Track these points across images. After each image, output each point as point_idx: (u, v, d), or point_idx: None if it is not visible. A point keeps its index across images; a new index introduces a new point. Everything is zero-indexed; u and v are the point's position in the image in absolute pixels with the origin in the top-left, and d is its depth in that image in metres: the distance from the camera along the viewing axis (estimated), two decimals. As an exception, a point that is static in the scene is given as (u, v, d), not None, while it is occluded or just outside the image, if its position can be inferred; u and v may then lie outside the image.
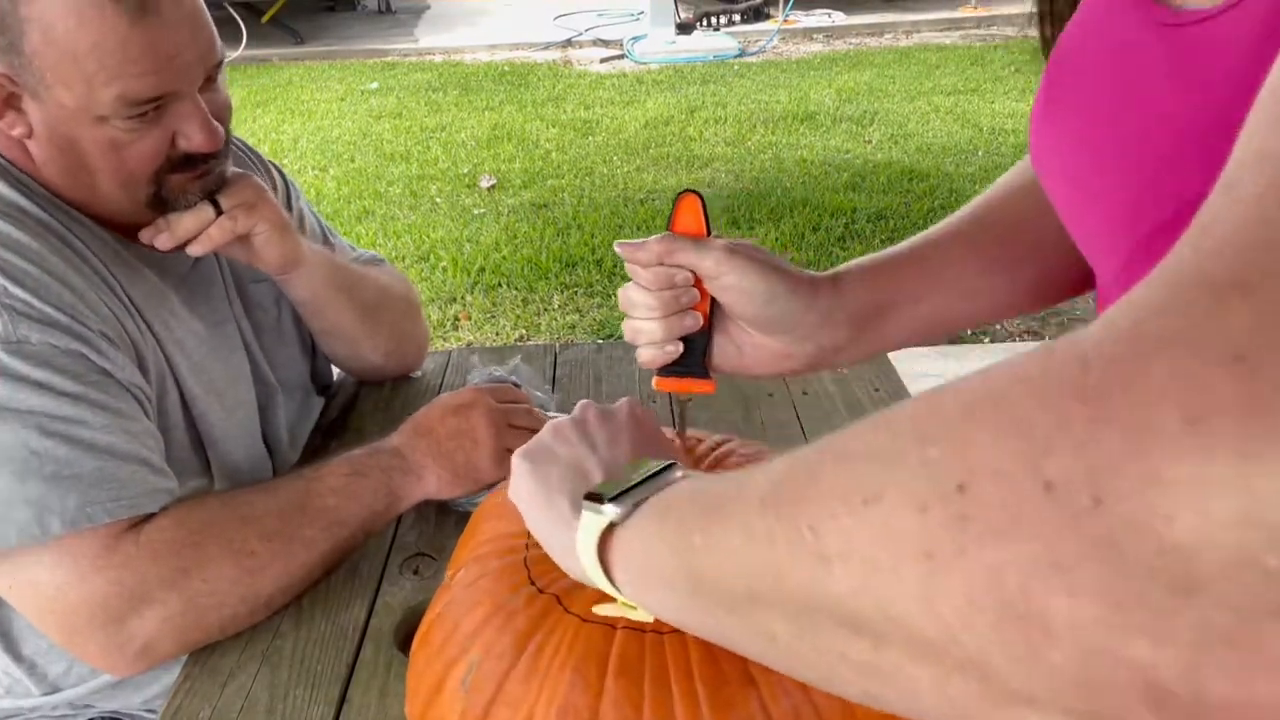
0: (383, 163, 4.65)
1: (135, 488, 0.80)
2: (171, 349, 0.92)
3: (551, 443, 0.55)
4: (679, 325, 0.65)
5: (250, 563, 0.82)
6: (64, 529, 0.76)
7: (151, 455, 0.84)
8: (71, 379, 0.78)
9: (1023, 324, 3.07)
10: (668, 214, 0.66)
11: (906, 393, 1.15)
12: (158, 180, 0.87)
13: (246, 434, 1.01)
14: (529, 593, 0.56)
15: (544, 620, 0.54)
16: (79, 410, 0.78)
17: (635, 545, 0.45)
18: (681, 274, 0.64)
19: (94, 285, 0.84)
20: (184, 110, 0.85)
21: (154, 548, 0.79)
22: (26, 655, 0.94)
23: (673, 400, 0.69)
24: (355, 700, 0.75)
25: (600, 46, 6.92)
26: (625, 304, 0.67)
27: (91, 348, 0.80)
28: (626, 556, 0.46)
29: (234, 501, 0.86)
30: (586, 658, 0.51)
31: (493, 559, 0.60)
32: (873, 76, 5.79)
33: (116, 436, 0.80)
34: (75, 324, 0.80)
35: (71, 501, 0.76)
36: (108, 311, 0.84)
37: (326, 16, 8.21)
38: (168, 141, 0.86)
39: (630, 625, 0.52)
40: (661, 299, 0.64)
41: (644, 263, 0.64)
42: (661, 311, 0.65)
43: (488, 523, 0.65)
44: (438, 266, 3.48)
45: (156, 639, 0.79)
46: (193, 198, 0.90)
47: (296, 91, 6.00)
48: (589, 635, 0.52)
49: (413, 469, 0.92)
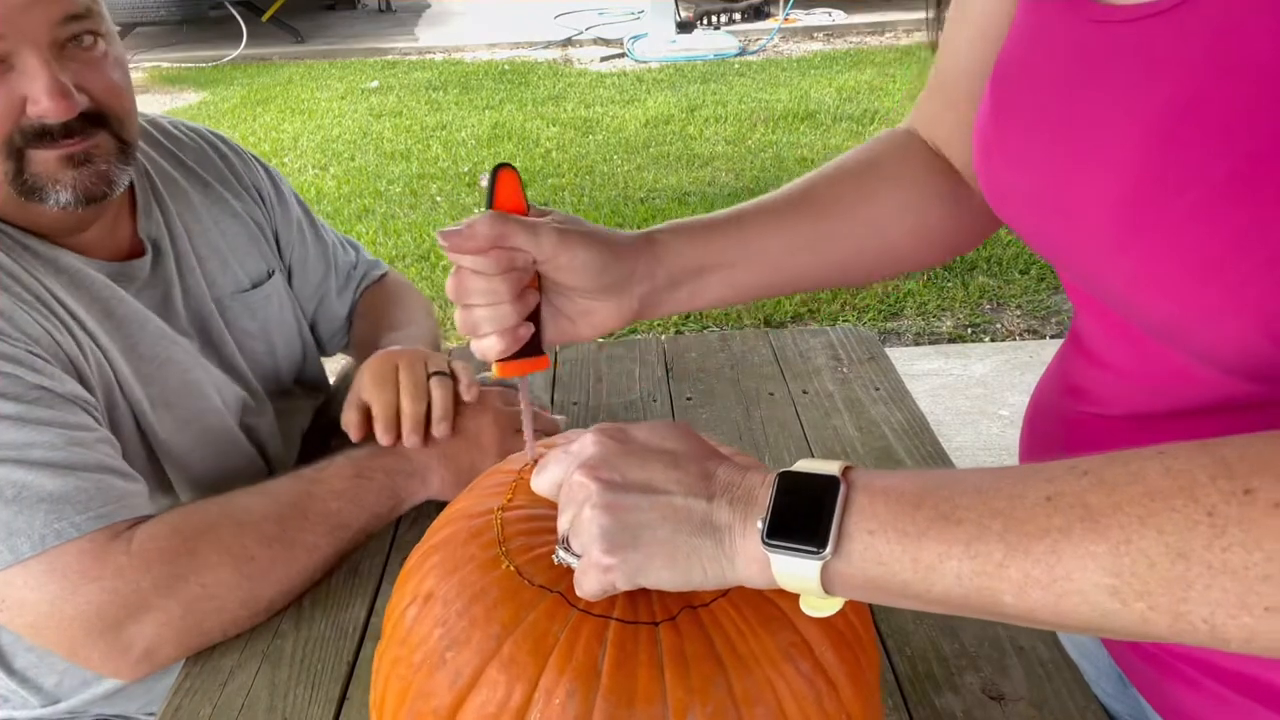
0: (383, 161, 4.65)
1: (103, 497, 0.78)
2: (119, 358, 0.89)
3: (622, 481, 0.51)
4: (526, 307, 0.63)
5: (250, 568, 0.81)
6: (34, 549, 0.74)
7: (113, 461, 0.82)
8: (10, 401, 0.76)
9: (1023, 323, 3.06)
10: (489, 193, 0.62)
11: (907, 392, 1.15)
12: (14, 153, 0.81)
13: (207, 446, 0.97)
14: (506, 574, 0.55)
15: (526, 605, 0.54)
16: (26, 432, 0.76)
17: (867, 569, 0.46)
18: (522, 255, 0.62)
19: (21, 303, 0.81)
20: (30, 70, 0.78)
21: (147, 556, 0.77)
22: (19, 669, 0.93)
23: (515, 384, 0.66)
24: (356, 699, 0.75)
25: (601, 45, 6.92)
26: (459, 293, 0.62)
27: (24, 366, 0.78)
28: (850, 577, 0.46)
29: (231, 506, 0.83)
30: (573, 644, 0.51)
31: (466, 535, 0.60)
32: (873, 75, 5.79)
33: (70, 451, 0.78)
34: (3, 344, 0.78)
35: (38, 521, 0.75)
36: (38, 329, 0.81)
37: (327, 15, 8.21)
38: (17, 106, 0.79)
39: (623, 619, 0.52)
40: (508, 282, 0.61)
41: (476, 250, 0.60)
42: (509, 295, 0.61)
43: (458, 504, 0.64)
44: (438, 266, 3.48)
45: (157, 644, 0.78)
46: (63, 190, 0.83)
47: (297, 90, 6.00)
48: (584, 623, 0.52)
49: (416, 471, 0.91)
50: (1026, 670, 0.75)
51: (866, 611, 0.60)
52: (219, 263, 1.04)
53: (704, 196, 4.04)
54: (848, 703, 0.53)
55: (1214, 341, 0.48)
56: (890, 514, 0.45)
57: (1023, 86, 0.60)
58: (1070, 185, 0.55)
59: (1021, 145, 0.60)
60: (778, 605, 0.53)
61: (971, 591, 0.43)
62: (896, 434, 1.06)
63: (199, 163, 1.08)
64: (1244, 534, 0.36)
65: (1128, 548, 0.39)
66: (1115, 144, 0.51)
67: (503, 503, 0.60)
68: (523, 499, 0.60)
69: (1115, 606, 0.39)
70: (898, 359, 1.23)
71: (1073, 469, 0.42)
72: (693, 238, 0.70)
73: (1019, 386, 2.71)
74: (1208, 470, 0.38)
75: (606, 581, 0.50)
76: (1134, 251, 0.50)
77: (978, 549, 0.42)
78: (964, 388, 2.74)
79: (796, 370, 1.21)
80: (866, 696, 0.55)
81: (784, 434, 1.07)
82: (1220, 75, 0.45)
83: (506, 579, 0.54)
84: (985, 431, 2.55)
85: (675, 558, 0.49)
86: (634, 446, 0.53)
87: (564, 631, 0.52)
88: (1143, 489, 0.39)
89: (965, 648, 0.77)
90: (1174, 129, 0.47)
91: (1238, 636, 0.38)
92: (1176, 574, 0.38)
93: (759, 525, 0.48)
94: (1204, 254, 0.46)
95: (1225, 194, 0.45)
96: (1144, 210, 0.49)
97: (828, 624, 0.54)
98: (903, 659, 0.76)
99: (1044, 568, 0.41)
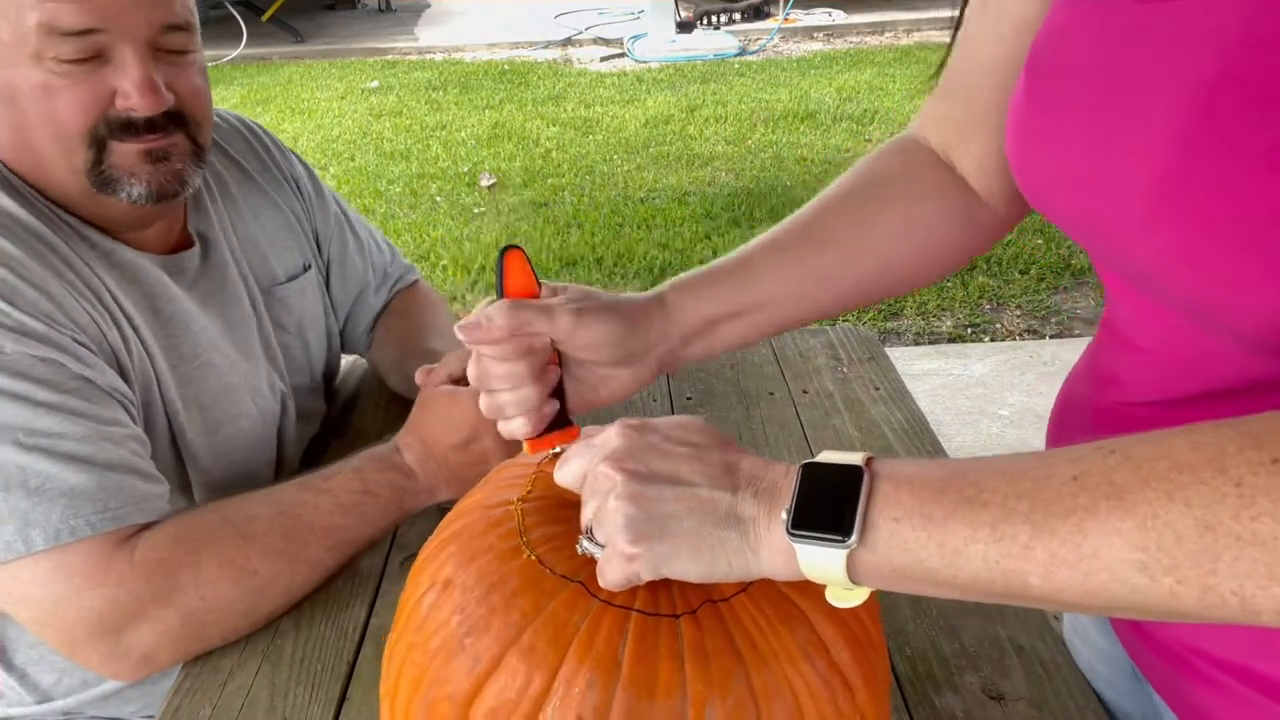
0: (383, 161, 4.65)
1: (122, 498, 0.78)
2: (160, 357, 0.89)
3: (647, 472, 0.51)
4: (548, 386, 0.64)
5: (251, 582, 0.80)
6: (47, 543, 0.74)
7: (139, 461, 0.82)
8: (50, 389, 0.76)
9: (1023, 323, 3.07)
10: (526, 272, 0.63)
11: (907, 392, 1.15)
12: (96, 143, 0.82)
13: (234, 452, 0.97)
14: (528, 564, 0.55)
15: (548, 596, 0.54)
16: (59, 422, 0.76)
17: (894, 556, 0.46)
18: (540, 339, 0.63)
19: (74, 291, 0.82)
20: (124, 64, 0.81)
21: (148, 566, 0.77)
22: (18, 665, 0.93)
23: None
24: (355, 699, 0.75)
25: (600, 45, 6.92)
26: (481, 380, 0.63)
27: (69, 355, 0.78)
28: (876, 565, 0.46)
29: (235, 517, 0.82)
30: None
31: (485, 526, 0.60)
32: (873, 75, 5.79)
33: (99, 446, 0.78)
34: (52, 331, 0.78)
35: (55, 515, 0.74)
36: (87, 318, 0.82)
37: (326, 15, 8.21)
38: (105, 97, 0.81)
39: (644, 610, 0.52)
40: (528, 364, 0.62)
41: (496, 340, 0.61)
42: (530, 377, 0.63)
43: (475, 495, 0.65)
44: (438, 265, 3.48)
45: (155, 651, 0.78)
46: (138, 185, 0.85)
47: (297, 90, 6.00)
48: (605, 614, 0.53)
49: (423, 488, 0.90)
50: (1026, 670, 0.75)
51: (878, 612, 0.61)
52: (258, 255, 1.04)
53: (704, 196, 4.04)
54: (862, 704, 0.53)
55: (1249, 313, 0.48)
56: (915, 501, 0.45)
57: (1060, 73, 0.59)
58: (1104, 165, 0.54)
59: (1056, 129, 0.59)
60: (796, 603, 0.54)
61: (998, 575, 0.43)
62: (896, 434, 1.06)
63: (240, 152, 1.08)
64: (1273, 504, 0.36)
65: (1154, 522, 0.39)
66: (1149, 121, 0.51)
67: (522, 494, 0.60)
68: (541, 490, 0.60)
69: (1143, 582, 0.39)
70: (898, 359, 1.23)
71: (1099, 449, 0.42)
72: (701, 292, 0.71)
73: (1019, 386, 2.71)
74: (1235, 442, 0.38)
75: (631, 571, 0.50)
76: (1165, 228, 0.49)
77: (1004, 531, 0.42)
78: (964, 388, 2.75)
79: (796, 370, 1.21)
80: (879, 700, 0.55)
81: (784, 434, 1.07)
82: (1257, 48, 0.45)
83: (527, 568, 0.54)
84: (985, 431, 2.55)
85: (700, 549, 0.49)
86: (658, 439, 0.53)
87: (585, 621, 0.52)
88: (1169, 463, 0.39)
89: (965, 647, 0.77)
90: (1210, 102, 0.47)
91: (1269, 608, 0.38)
92: (1204, 546, 0.38)
93: (784, 516, 0.48)
94: (1240, 225, 0.45)
95: (1265, 164, 0.44)
96: (1178, 185, 0.48)
97: (844, 625, 0.54)
98: (903, 659, 0.76)
99: (1070, 546, 0.41)
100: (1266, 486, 0.37)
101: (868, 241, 0.73)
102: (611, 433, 0.54)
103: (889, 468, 0.47)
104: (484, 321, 0.60)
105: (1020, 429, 2.53)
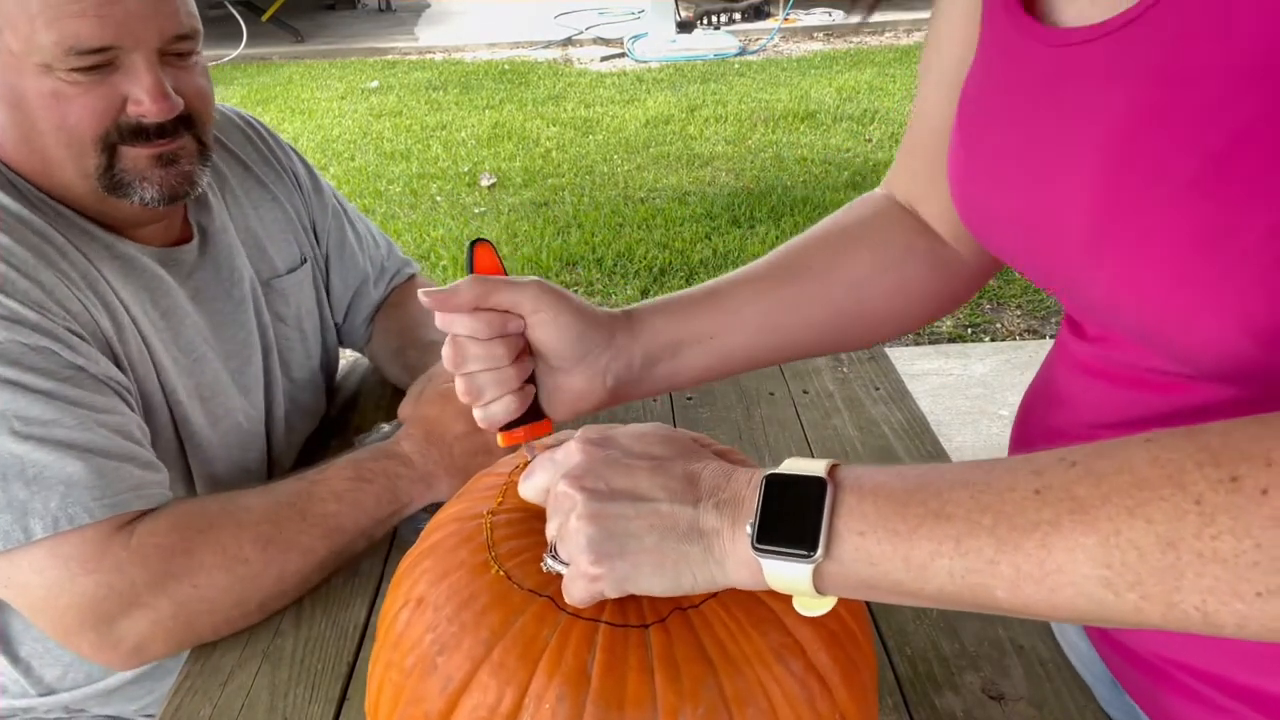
0: (383, 161, 4.65)
1: (119, 485, 0.78)
2: (160, 348, 0.90)
3: (607, 490, 0.51)
4: (524, 370, 0.63)
5: (243, 570, 0.80)
6: (45, 531, 0.74)
7: (137, 449, 0.82)
8: (43, 376, 0.77)
9: (1023, 323, 3.07)
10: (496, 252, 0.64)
11: (906, 392, 1.15)
12: (108, 148, 0.84)
13: (233, 446, 0.98)
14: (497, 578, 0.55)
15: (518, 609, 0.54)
16: (53, 409, 0.76)
17: (859, 570, 0.46)
18: (514, 320, 0.63)
19: (66, 280, 0.82)
20: (136, 72, 0.82)
21: (144, 552, 0.77)
22: (23, 657, 0.93)
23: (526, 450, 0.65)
24: (355, 699, 0.75)
25: (601, 45, 6.92)
26: (457, 361, 0.62)
27: (61, 343, 0.78)
28: (843, 577, 0.47)
29: (231, 505, 0.83)
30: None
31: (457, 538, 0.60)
32: (873, 75, 5.79)
33: (94, 433, 0.78)
34: (44, 320, 0.78)
35: (53, 503, 0.75)
36: (79, 307, 0.82)
37: (327, 15, 8.21)
38: (117, 104, 0.83)
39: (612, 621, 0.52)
40: (506, 345, 0.62)
41: (460, 307, 0.61)
42: (508, 358, 0.62)
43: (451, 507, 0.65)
44: (438, 265, 3.48)
45: (147, 640, 0.78)
46: (150, 188, 0.86)
47: (297, 90, 6.00)
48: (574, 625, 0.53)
49: (420, 476, 0.90)
50: (1026, 670, 0.75)
51: (863, 610, 0.60)
52: (256, 247, 1.05)
53: (704, 196, 4.04)
54: (841, 703, 0.53)
55: (1193, 344, 0.48)
56: (879, 514, 0.45)
57: (987, 119, 0.61)
58: (1043, 205, 0.55)
59: (992, 174, 0.60)
60: (769, 606, 0.53)
61: (964, 588, 0.43)
62: (896, 434, 1.06)
63: (239, 145, 1.08)
64: (1233, 521, 0.37)
65: (1118, 539, 0.39)
66: (1077, 158, 0.52)
67: (492, 506, 0.60)
68: (512, 502, 0.60)
69: (1109, 597, 0.40)
70: (898, 359, 1.23)
71: (1061, 460, 0.42)
72: (669, 313, 0.70)
73: (1019, 386, 2.71)
74: (1193, 458, 0.38)
75: (594, 590, 0.51)
76: (1109, 260, 0.50)
77: (969, 545, 0.42)
78: (964, 387, 2.75)
79: (796, 370, 1.21)
80: (861, 697, 0.55)
81: (784, 434, 1.07)
82: (1177, 84, 0.46)
83: (496, 583, 0.54)
84: (985, 431, 2.55)
85: (663, 565, 0.50)
86: (618, 454, 0.53)
87: (553, 635, 0.52)
88: (1130, 479, 0.40)
89: (965, 648, 0.77)
90: (1134, 135, 0.48)
91: (1230, 622, 0.38)
92: (1167, 563, 0.38)
93: (748, 530, 0.48)
94: (1175, 256, 0.46)
95: (1191, 195, 0.45)
96: (1113, 218, 0.49)
97: (820, 624, 0.54)
98: (903, 659, 0.77)
99: (1035, 562, 0.41)
100: (1226, 505, 0.37)
101: (839, 275, 0.74)
102: (573, 448, 0.54)
103: (853, 477, 0.47)
104: (449, 289, 0.60)
105: (1020, 429, 2.53)
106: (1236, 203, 0.44)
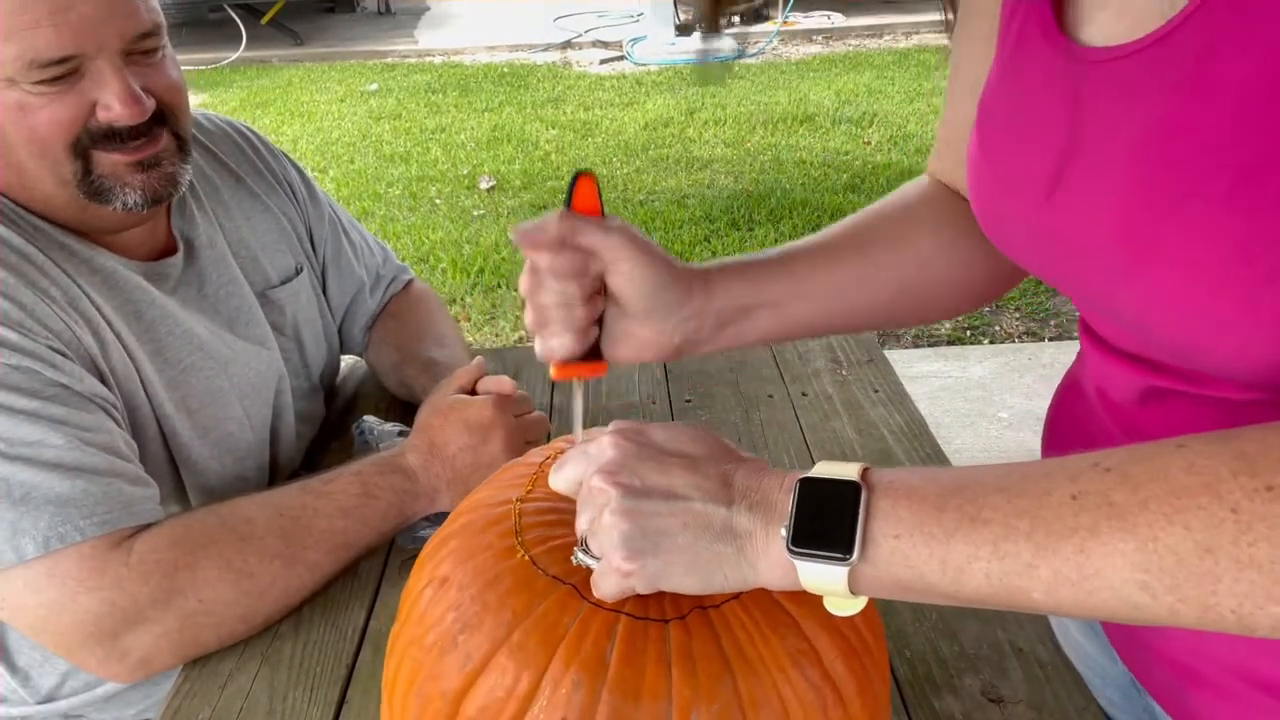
0: (382, 164, 4.65)
1: (109, 502, 0.77)
2: (145, 361, 0.88)
3: (641, 487, 0.51)
4: (594, 311, 0.64)
5: (249, 584, 0.80)
6: (37, 551, 0.74)
7: (125, 465, 0.81)
8: (27, 396, 0.76)
9: (1022, 325, 3.07)
10: (565, 196, 0.63)
11: (906, 394, 1.15)
12: (82, 155, 0.82)
13: (226, 456, 0.97)
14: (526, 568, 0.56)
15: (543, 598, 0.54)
16: (39, 430, 0.76)
17: (895, 572, 0.46)
18: (595, 261, 0.63)
19: (46, 298, 0.81)
20: (102, 77, 0.81)
21: (145, 568, 0.77)
22: (21, 666, 0.93)
23: (574, 386, 0.66)
24: (354, 702, 0.75)
25: (600, 48, 6.92)
26: (533, 290, 0.62)
27: (44, 362, 0.78)
28: (877, 579, 0.47)
29: (233, 519, 0.82)
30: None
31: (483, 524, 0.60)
32: (872, 78, 5.79)
33: (82, 452, 0.77)
34: (25, 339, 0.77)
35: (43, 523, 0.74)
36: (61, 325, 0.81)
37: (326, 18, 8.22)
38: (85, 110, 0.81)
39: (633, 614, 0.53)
40: (582, 285, 0.62)
41: (547, 245, 0.60)
42: (581, 298, 0.62)
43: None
44: (437, 268, 3.48)
45: (154, 653, 0.78)
46: (131, 193, 0.85)
47: (296, 93, 6.00)
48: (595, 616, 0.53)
49: (425, 492, 0.90)
50: (1026, 672, 0.75)
51: (879, 623, 0.60)
52: (249, 258, 1.04)
53: (703, 199, 4.04)
54: (855, 715, 0.53)
55: (1232, 356, 0.48)
56: (915, 517, 0.45)
57: (1009, 128, 0.61)
58: (1069, 220, 0.55)
59: (1014, 186, 0.60)
60: (788, 611, 0.53)
61: (1001, 590, 0.44)
62: (895, 436, 1.06)
63: (231, 156, 1.07)
64: (1269, 529, 0.38)
65: (1155, 545, 0.40)
66: (1106, 174, 0.52)
67: (521, 494, 0.61)
68: (541, 491, 0.60)
69: (1145, 600, 0.41)
70: (897, 361, 1.23)
71: (1096, 465, 0.43)
72: (744, 276, 0.70)
73: (1018, 389, 2.71)
74: (1229, 466, 0.39)
75: (626, 586, 0.51)
76: (1140, 274, 0.50)
77: (1006, 549, 0.43)
78: (963, 390, 2.75)
79: (796, 372, 1.21)
80: (874, 710, 0.55)
81: (783, 436, 1.07)
82: (1206, 99, 0.46)
83: (521, 568, 0.55)
84: (984, 433, 2.55)
85: (696, 564, 0.50)
86: (652, 450, 0.53)
87: (574, 623, 0.52)
88: (1167, 486, 0.40)
89: (965, 650, 0.77)
90: (1163, 151, 0.48)
91: (1265, 624, 0.39)
92: (1205, 569, 0.39)
93: (783, 533, 0.48)
94: (1210, 269, 0.46)
95: (1224, 208, 0.45)
96: (1145, 233, 0.49)
97: (839, 634, 0.54)
98: (902, 661, 0.76)
99: (1073, 566, 0.41)
100: (1263, 513, 0.38)
101: (907, 251, 0.74)
102: (606, 442, 0.54)
103: (886, 481, 0.47)
104: (539, 225, 0.61)
105: (1019, 431, 2.53)
106: (1269, 215, 0.44)
